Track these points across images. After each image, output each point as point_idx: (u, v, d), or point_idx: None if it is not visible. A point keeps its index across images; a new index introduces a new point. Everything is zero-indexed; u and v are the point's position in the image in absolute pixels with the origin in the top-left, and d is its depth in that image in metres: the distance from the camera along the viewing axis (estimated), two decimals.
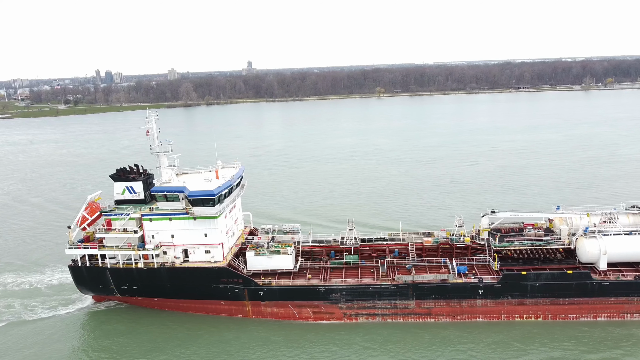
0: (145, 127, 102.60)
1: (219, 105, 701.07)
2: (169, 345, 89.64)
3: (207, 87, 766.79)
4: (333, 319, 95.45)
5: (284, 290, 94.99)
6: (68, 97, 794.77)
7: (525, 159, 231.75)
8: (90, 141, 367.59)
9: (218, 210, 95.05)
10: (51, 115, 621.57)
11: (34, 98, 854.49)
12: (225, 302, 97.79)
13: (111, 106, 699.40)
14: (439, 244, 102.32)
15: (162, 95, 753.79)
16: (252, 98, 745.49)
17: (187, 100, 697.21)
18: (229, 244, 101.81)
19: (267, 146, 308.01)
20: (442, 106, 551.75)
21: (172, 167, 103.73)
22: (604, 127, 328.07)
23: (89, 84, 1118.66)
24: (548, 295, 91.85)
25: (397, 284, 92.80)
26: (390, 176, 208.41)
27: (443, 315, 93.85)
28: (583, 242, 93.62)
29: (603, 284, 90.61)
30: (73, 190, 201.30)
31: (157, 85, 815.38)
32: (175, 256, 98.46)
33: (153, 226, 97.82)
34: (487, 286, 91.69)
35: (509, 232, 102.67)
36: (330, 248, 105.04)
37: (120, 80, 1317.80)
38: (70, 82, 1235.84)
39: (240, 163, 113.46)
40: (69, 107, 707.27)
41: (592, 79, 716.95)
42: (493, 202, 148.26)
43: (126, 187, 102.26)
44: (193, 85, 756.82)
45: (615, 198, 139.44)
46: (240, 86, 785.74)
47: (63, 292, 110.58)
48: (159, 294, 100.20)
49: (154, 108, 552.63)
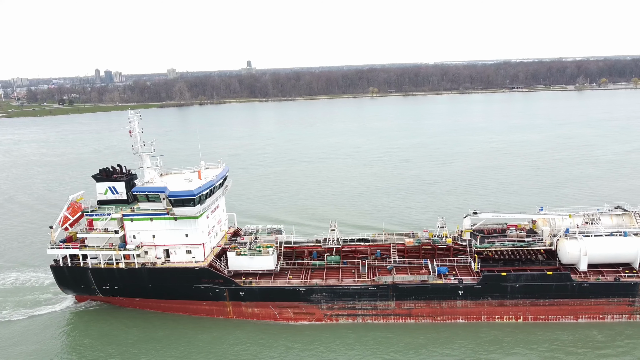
0: (128, 127, 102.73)
1: (212, 105, 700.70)
2: (147, 346, 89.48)
3: (202, 87, 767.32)
4: (313, 319, 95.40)
5: (264, 290, 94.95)
6: (63, 96, 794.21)
7: (497, 159, 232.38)
8: (75, 141, 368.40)
9: (199, 211, 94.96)
10: (44, 115, 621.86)
11: (30, 97, 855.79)
12: (206, 303, 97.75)
13: (105, 106, 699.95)
14: (420, 244, 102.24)
15: (156, 95, 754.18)
16: (246, 98, 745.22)
17: (181, 100, 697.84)
18: (211, 244, 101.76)
19: (248, 146, 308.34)
20: (433, 106, 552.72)
21: (154, 167, 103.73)
22: (585, 127, 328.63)
23: (89, 83, 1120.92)
24: (528, 297, 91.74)
25: (377, 285, 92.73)
26: (360, 176, 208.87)
27: (423, 316, 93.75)
28: (564, 243, 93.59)
29: (583, 285, 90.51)
30: (57, 190, 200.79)
31: (153, 85, 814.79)
32: (156, 256, 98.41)
33: (134, 226, 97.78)
34: (467, 287, 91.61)
35: (491, 233, 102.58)
36: (312, 249, 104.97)
37: (120, 80, 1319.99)
38: (70, 82, 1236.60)
39: (224, 163, 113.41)
40: (63, 107, 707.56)
41: (586, 79, 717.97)
42: (478, 202, 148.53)
43: (109, 187, 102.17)
44: (187, 85, 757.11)
45: (599, 199, 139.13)
46: (235, 86, 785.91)
47: (46, 292, 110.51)
48: (140, 294, 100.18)
49: (147, 108, 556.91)
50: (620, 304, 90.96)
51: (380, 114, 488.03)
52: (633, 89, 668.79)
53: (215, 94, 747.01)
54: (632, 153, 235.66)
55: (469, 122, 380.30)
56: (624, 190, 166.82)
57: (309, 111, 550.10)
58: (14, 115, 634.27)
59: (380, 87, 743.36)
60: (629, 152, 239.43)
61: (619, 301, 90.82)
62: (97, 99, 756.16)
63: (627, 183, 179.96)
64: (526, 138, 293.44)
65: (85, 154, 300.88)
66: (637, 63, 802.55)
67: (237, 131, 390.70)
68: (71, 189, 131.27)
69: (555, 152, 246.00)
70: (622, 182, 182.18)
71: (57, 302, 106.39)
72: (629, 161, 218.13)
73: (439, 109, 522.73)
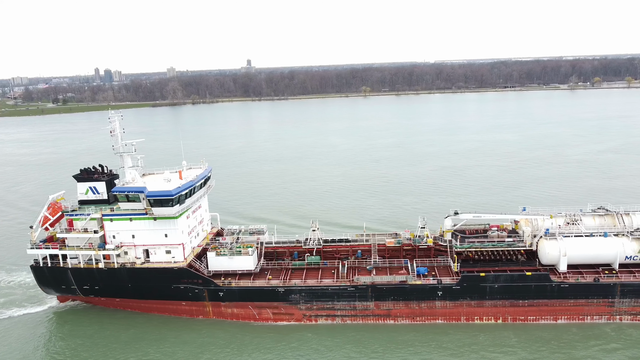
0: (109, 127, 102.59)
1: (205, 104, 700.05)
2: (126, 346, 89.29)
3: (196, 87, 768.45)
4: (293, 320, 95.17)
5: (243, 291, 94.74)
6: (59, 96, 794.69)
7: (466, 160, 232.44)
8: (58, 140, 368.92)
9: (177, 211, 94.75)
10: (36, 114, 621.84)
11: (26, 97, 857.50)
12: (186, 303, 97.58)
13: (99, 105, 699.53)
14: (401, 245, 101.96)
15: (150, 94, 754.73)
16: (239, 97, 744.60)
17: (174, 99, 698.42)
18: (191, 244, 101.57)
19: (227, 146, 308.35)
20: (423, 105, 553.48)
21: (135, 167, 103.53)
22: (564, 127, 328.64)
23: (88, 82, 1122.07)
24: (507, 297, 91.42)
25: (355, 285, 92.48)
26: (327, 176, 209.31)
27: (402, 317, 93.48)
28: (543, 244, 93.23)
29: (562, 285, 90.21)
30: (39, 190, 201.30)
31: (150, 84, 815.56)
32: (136, 256, 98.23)
33: (114, 226, 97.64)
34: (445, 288, 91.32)
35: (473, 234, 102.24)
36: (293, 249, 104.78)
37: (120, 79, 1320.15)
38: (70, 81, 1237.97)
39: (207, 164, 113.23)
40: (57, 106, 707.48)
41: (580, 79, 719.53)
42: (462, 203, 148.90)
43: (89, 187, 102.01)
44: (182, 84, 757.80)
45: (582, 199, 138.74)
46: (229, 85, 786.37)
47: (27, 292, 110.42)
48: (120, 294, 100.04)
49: (139, 107, 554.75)
50: (599, 305, 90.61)
51: (368, 113, 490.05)
52: (626, 88, 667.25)
53: (209, 93, 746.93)
54: (603, 153, 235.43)
55: (451, 122, 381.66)
56: (586, 190, 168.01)
57: (299, 111, 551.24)
58: (6, 115, 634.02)
59: (374, 86, 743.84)
60: (600, 152, 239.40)
61: (599, 302, 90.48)
62: (90, 98, 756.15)
63: (588, 183, 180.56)
64: (502, 138, 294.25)
65: (67, 154, 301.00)
66: (632, 62, 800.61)
67: (220, 131, 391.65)
68: (53, 188, 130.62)
69: (527, 152, 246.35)
70: (584, 182, 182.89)
71: (39, 303, 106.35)
72: (595, 161, 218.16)
73: (428, 108, 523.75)
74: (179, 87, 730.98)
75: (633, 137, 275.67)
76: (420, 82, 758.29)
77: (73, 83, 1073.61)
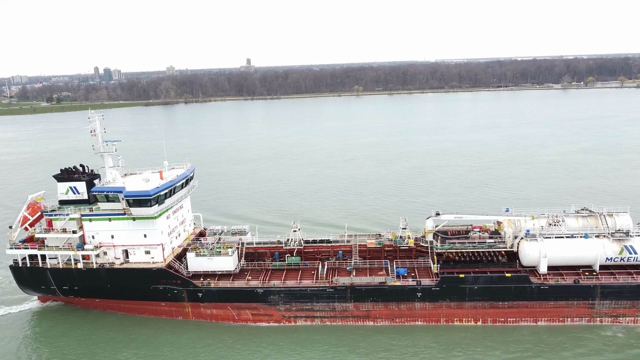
0: (89, 127, 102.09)
1: (198, 103, 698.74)
2: (105, 347, 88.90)
3: (190, 86, 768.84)
4: (272, 321, 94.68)
5: (222, 291, 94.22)
6: (54, 95, 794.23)
7: (437, 160, 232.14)
8: (42, 139, 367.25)
9: (156, 211, 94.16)
10: (28, 113, 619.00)
11: (21, 96, 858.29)
12: (165, 304, 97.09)
13: (92, 104, 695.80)
14: (382, 246, 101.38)
15: (144, 93, 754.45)
16: (232, 97, 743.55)
17: (166, 98, 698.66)
18: (171, 245, 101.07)
19: (206, 145, 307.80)
20: (414, 105, 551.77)
21: (116, 167, 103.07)
22: (544, 127, 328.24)
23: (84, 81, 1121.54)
24: (487, 299, 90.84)
25: (335, 286, 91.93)
26: (296, 176, 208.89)
27: (382, 318, 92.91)
28: (524, 245, 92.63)
29: (542, 287, 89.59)
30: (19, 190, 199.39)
31: (142, 84, 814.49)
32: (115, 257, 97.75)
33: (93, 227, 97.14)
34: (425, 289, 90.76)
35: (455, 235, 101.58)
36: (274, 249, 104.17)
37: (119, 77, 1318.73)
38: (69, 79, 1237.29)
39: (189, 163, 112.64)
40: (51, 105, 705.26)
41: (573, 78, 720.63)
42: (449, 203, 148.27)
43: (70, 187, 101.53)
44: (176, 83, 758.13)
45: (566, 200, 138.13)
46: (223, 84, 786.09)
47: (7, 292, 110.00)
48: (100, 294, 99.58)
49: (132, 106, 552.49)
50: (580, 307, 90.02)
51: (355, 112, 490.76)
52: (619, 87, 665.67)
53: (202, 92, 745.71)
54: (574, 154, 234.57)
55: (433, 122, 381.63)
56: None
57: (289, 110, 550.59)
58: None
59: (367, 86, 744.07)
60: (573, 152, 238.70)
61: (579, 304, 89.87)
62: (84, 97, 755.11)
63: (551, 183, 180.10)
64: (480, 137, 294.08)
65: (49, 153, 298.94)
66: (627, 62, 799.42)
67: (205, 130, 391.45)
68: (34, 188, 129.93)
69: (500, 152, 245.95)
70: (548, 182, 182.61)
71: (20, 303, 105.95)
72: (563, 162, 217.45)
73: (418, 107, 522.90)
74: (172, 87, 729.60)
75: (608, 138, 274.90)
76: (413, 82, 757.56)
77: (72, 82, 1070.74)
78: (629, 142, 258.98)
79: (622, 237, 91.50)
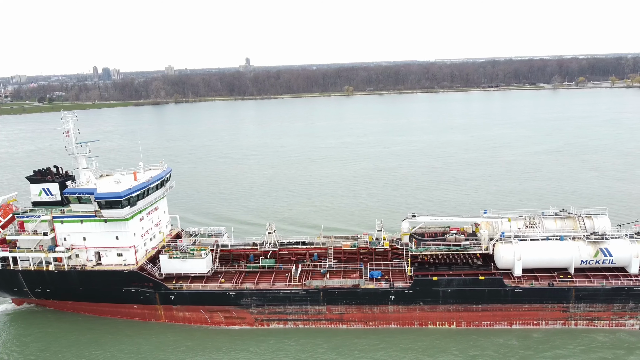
0: (62, 128, 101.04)
1: (188, 103, 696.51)
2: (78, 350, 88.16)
3: (182, 85, 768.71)
4: (244, 324, 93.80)
5: (194, 294, 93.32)
6: (47, 95, 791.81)
7: (399, 160, 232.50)
8: (20, 140, 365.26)
9: (128, 213, 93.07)
10: (18, 113, 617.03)
11: (14, 95, 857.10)
12: (137, 306, 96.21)
13: (83, 104, 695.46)
14: (358, 248, 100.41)
15: (136, 93, 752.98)
16: (223, 96, 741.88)
17: (157, 98, 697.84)
18: (145, 247, 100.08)
19: (176, 147, 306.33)
20: (402, 105, 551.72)
21: (90, 168, 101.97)
22: (517, 127, 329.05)
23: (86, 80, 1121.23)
24: (461, 302, 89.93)
25: (307, 289, 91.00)
26: (256, 177, 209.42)
27: (355, 321, 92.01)
28: (499, 248, 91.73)
29: (516, 290, 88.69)
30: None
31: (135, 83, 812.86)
32: (87, 259, 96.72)
33: (64, 228, 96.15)
34: (398, 292, 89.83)
35: (432, 237, 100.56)
36: (249, 251, 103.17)
37: (118, 77, 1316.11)
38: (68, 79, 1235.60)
39: (166, 164, 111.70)
40: (42, 105, 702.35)
41: (565, 78, 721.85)
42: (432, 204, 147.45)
43: (43, 188, 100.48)
44: (166, 82, 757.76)
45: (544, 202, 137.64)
46: (215, 84, 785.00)
47: None
48: (72, 297, 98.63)
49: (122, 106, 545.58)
50: (554, 310, 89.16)
51: (340, 113, 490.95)
52: (609, 88, 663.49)
53: (192, 92, 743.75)
54: (537, 155, 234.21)
55: (412, 122, 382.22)
56: (492, 194, 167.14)
57: (276, 110, 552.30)
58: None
59: (359, 86, 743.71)
60: (536, 153, 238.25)
61: (553, 307, 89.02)
62: (74, 97, 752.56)
63: (501, 185, 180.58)
64: (451, 138, 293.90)
65: (25, 154, 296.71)
66: (619, 61, 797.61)
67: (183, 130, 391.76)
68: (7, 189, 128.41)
69: (465, 153, 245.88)
70: (498, 183, 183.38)
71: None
72: (523, 163, 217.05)
73: (403, 108, 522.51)
74: (162, 87, 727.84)
75: (577, 139, 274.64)
76: (405, 82, 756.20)
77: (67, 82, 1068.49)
78: (595, 143, 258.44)
79: (598, 240, 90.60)
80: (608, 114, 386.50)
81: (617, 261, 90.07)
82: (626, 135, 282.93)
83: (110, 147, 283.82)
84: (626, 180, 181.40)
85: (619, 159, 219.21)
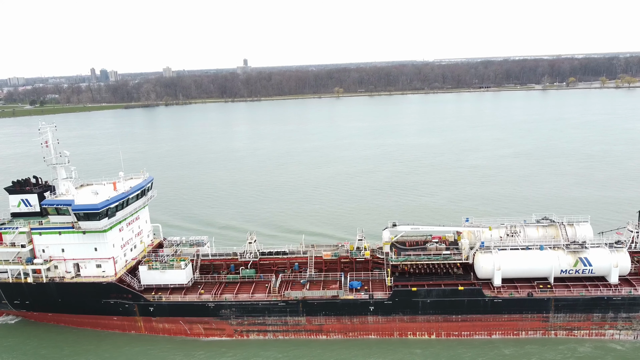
0: (40, 139, 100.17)
1: (178, 105, 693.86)
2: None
3: (174, 87, 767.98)
4: (224, 335, 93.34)
5: (173, 305, 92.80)
6: (40, 97, 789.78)
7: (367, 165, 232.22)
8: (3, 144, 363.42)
9: (106, 224, 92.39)
10: (7, 116, 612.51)
11: (8, 98, 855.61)
12: (117, 318, 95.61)
13: (75, 106, 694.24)
14: (339, 257, 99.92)
15: (128, 95, 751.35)
16: (214, 98, 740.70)
17: (147, 100, 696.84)
18: (125, 257, 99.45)
19: (154, 150, 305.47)
20: (387, 107, 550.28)
21: (69, 179, 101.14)
22: (492, 130, 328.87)
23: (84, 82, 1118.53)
24: (440, 312, 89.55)
25: (286, 300, 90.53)
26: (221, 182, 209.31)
27: (335, 332, 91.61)
28: (478, 258, 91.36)
29: (495, 300, 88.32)
30: None
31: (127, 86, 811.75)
32: (66, 271, 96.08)
33: (43, 240, 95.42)
34: (377, 302, 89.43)
35: (413, 246, 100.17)
36: (230, 261, 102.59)
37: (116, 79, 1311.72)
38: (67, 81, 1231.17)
39: (147, 173, 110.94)
40: (34, 108, 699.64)
41: (555, 79, 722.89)
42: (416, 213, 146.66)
43: (22, 199, 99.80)
44: (157, 85, 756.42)
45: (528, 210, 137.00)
46: (207, 86, 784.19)
47: None
48: (51, 309, 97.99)
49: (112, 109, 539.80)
50: (534, 320, 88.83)
51: (324, 115, 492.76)
52: (599, 88, 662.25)
53: (183, 94, 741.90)
54: (503, 158, 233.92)
55: (389, 125, 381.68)
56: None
57: (264, 112, 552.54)
58: None
59: (350, 87, 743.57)
60: (500, 157, 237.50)
61: (533, 317, 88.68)
62: (66, 100, 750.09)
63: (459, 189, 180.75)
64: (423, 142, 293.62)
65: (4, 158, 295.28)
66: (611, 62, 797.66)
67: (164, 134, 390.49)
68: None
69: (432, 157, 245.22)
70: (460, 187, 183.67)
71: None
72: (487, 167, 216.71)
73: (389, 110, 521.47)
74: (153, 89, 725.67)
75: (548, 142, 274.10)
76: (396, 83, 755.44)
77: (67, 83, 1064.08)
78: (564, 146, 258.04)
79: (577, 249, 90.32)
80: (587, 115, 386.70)
81: (597, 270, 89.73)
82: (595, 138, 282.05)
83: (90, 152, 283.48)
84: (583, 184, 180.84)
85: (583, 162, 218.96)
